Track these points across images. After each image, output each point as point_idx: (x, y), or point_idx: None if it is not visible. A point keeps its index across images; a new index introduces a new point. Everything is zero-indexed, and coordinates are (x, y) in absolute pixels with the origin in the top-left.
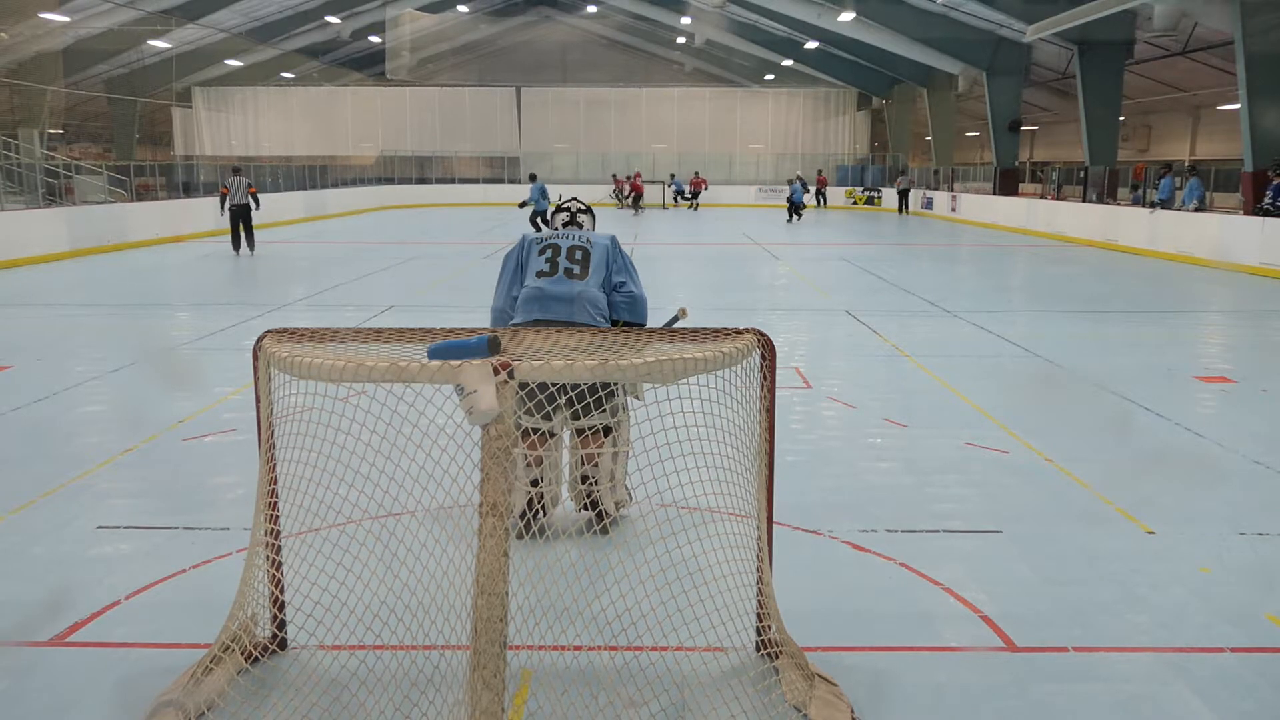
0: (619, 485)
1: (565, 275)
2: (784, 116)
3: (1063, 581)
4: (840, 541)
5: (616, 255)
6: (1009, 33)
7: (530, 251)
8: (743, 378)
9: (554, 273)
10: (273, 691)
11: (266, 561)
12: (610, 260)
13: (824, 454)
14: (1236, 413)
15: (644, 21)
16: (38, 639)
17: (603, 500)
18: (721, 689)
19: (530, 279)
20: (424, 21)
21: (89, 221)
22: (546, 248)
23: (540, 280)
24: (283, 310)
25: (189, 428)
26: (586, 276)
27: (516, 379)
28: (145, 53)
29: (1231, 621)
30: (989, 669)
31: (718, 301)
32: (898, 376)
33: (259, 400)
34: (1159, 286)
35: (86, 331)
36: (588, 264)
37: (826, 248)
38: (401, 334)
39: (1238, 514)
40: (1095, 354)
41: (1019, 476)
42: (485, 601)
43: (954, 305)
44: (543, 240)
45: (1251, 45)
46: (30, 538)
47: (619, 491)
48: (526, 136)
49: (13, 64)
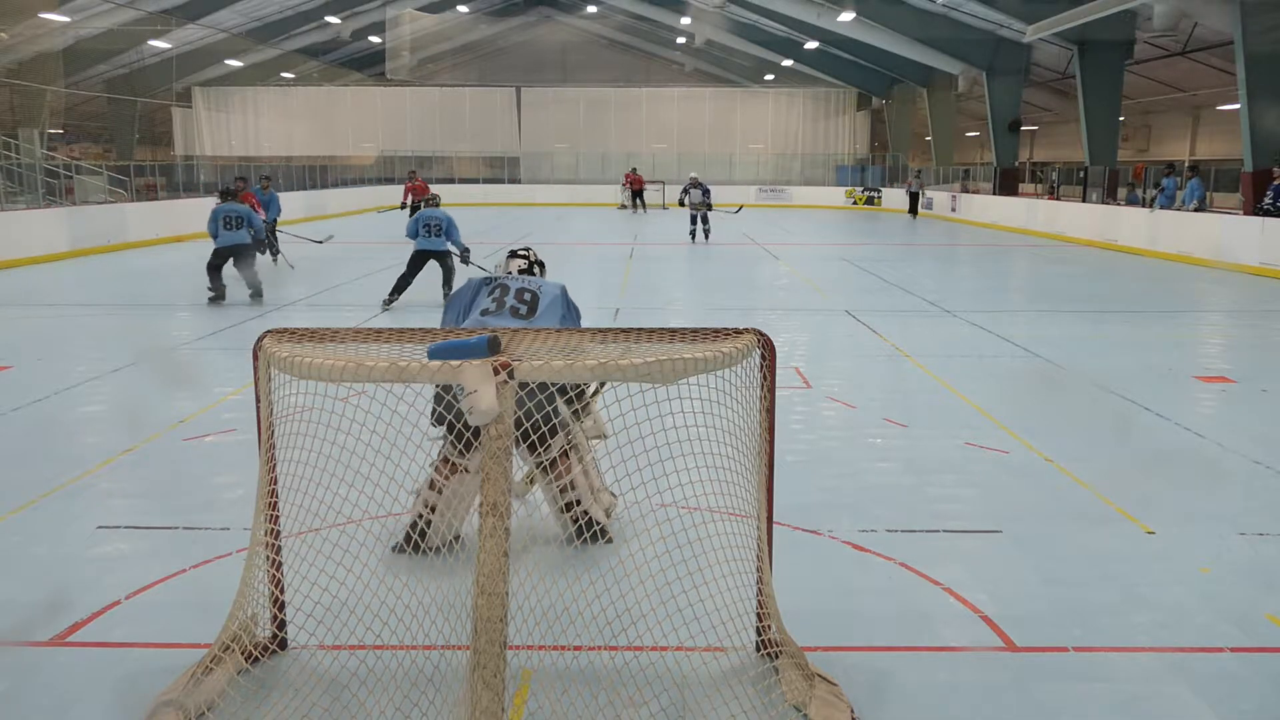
0: (601, 492)
1: (510, 314)
2: (784, 116)
3: (1063, 581)
4: (840, 541)
5: (567, 305)
6: (1009, 33)
7: (480, 291)
8: (743, 378)
9: (499, 311)
10: (273, 691)
11: (266, 561)
12: (561, 308)
13: (824, 454)
14: (1236, 413)
15: (644, 21)
16: (38, 639)
17: (594, 513)
18: (721, 689)
19: (474, 316)
20: (424, 21)
21: (89, 221)
22: (496, 288)
23: (484, 317)
24: (283, 310)
25: (189, 428)
26: (533, 318)
27: (516, 379)
28: (145, 53)
29: (1231, 621)
30: (989, 669)
31: (717, 301)
32: (898, 376)
33: (259, 400)
34: (1159, 286)
35: (86, 331)
36: (536, 306)
37: (826, 248)
38: (401, 334)
39: (1238, 514)
40: (1095, 354)
41: (1019, 476)
42: (485, 601)
43: (954, 305)
44: (493, 282)
45: (1251, 45)
46: (30, 538)
47: (603, 497)
48: (526, 136)
49: (13, 64)
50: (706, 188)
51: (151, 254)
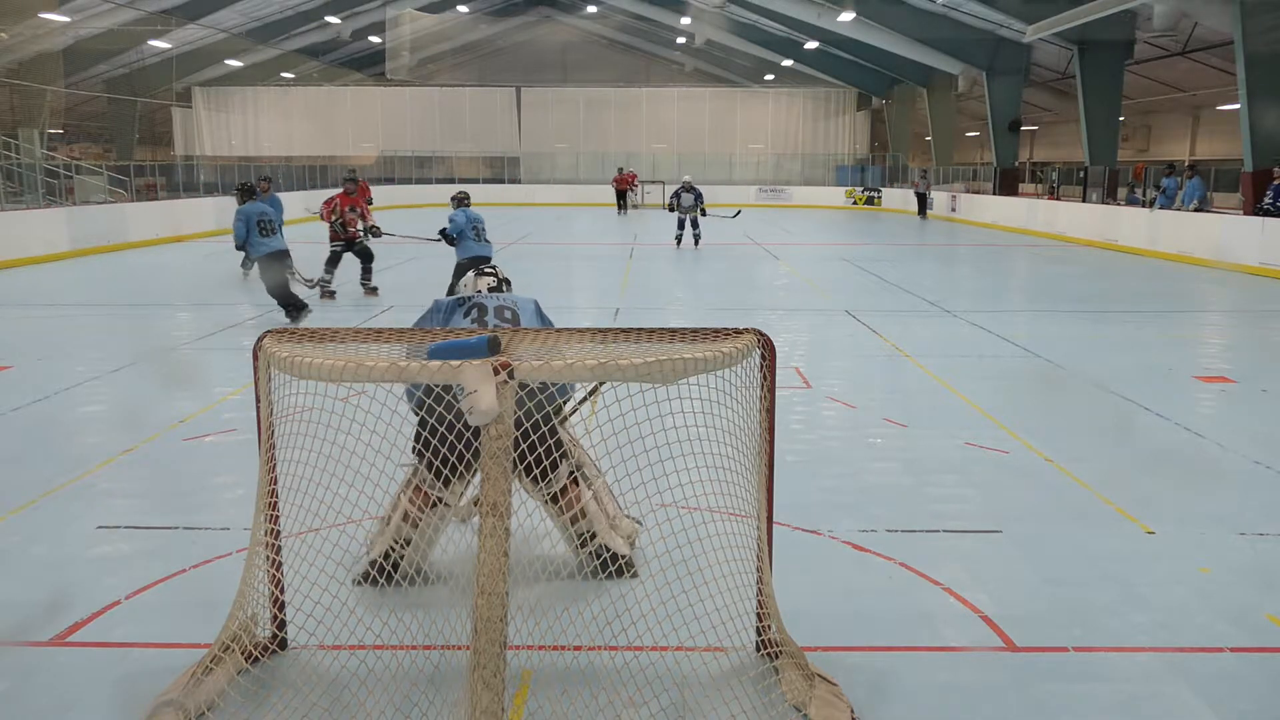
0: (618, 519)
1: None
2: (784, 116)
3: (1063, 581)
4: (840, 541)
5: (543, 319)
6: (1009, 33)
7: (454, 312)
8: (743, 378)
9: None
10: (273, 691)
11: (266, 561)
12: (538, 322)
13: (824, 454)
14: (1236, 413)
15: (644, 21)
16: (38, 639)
17: (612, 545)
18: (721, 689)
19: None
20: (424, 21)
21: (89, 221)
22: (472, 308)
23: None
24: (282, 310)
25: (189, 428)
26: None
27: (516, 379)
28: (145, 53)
29: (1231, 621)
30: (989, 669)
31: (717, 301)
32: (898, 376)
33: (259, 400)
34: (1159, 286)
35: (86, 331)
36: (518, 323)
37: (826, 248)
38: (401, 334)
39: (1238, 514)
40: (1095, 354)
41: (1019, 476)
42: (485, 601)
43: (954, 305)
44: (466, 302)
45: (1251, 45)
46: (30, 538)
47: (623, 525)
48: (526, 136)
49: (13, 64)
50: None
51: (151, 254)
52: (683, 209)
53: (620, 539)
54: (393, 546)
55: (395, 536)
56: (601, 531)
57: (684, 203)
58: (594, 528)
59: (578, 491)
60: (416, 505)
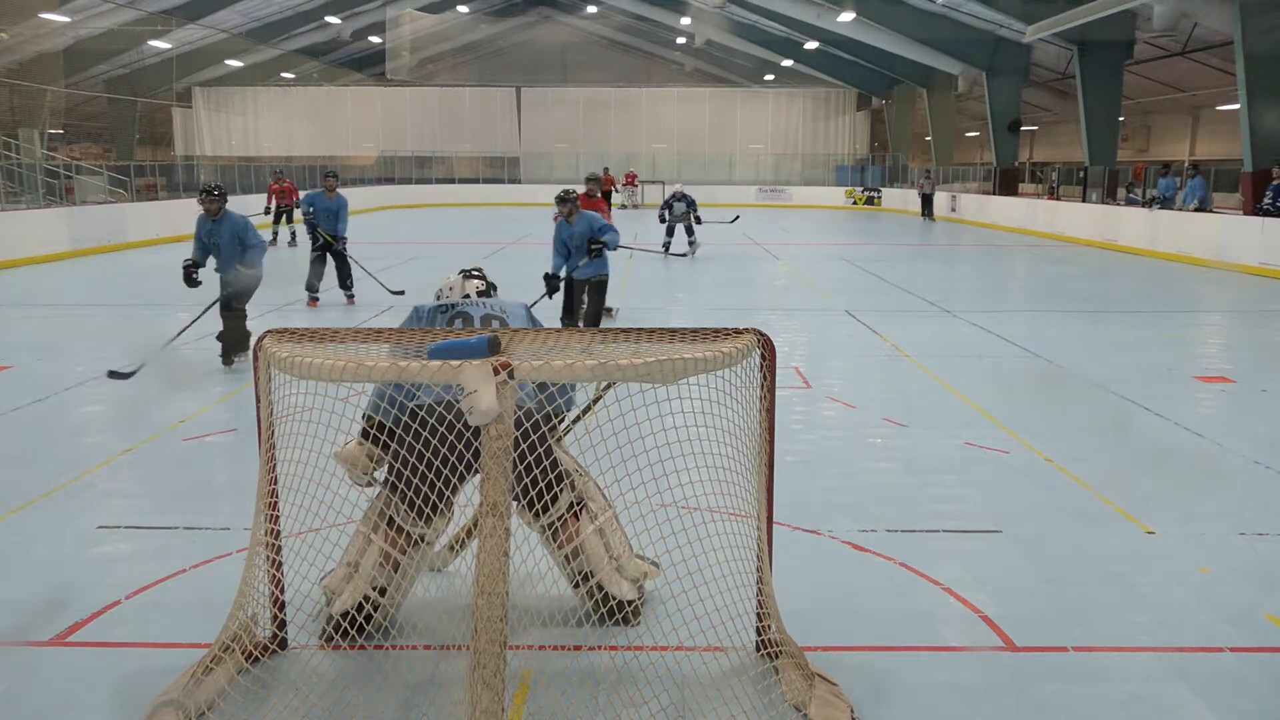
0: (626, 559)
1: None
2: (784, 117)
3: (1063, 581)
4: (840, 541)
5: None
6: (1009, 33)
7: (435, 322)
8: (743, 378)
9: None
10: (273, 691)
11: (266, 561)
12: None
13: (824, 454)
14: (1236, 413)
15: (644, 21)
16: (38, 639)
17: (611, 587)
18: (721, 689)
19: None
20: (424, 21)
21: (89, 221)
22: (455, 317)
23: None
24: (283, 310)
25: (189, 428)
26: None
27: (516, 379)
28: (145, 53)
29: (1231, 621)
30: (989, 669)
31: (717, 301)
32: (898, 376)
33: (259, 400)
34: (1159, 286)
35: (86, 331)
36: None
37: (826, 248)
38: (401, 334)
39: (1238, 514)
40: (1095, 354)
41: (1019, 476)
42: (485, 601)
43: (954, 305)
44: (449, 310)
45: (1251, 45)
46: (30, 538)
47: (630, 566)
48: (526, 136)
49: (13, 64)
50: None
51: (151, 254)
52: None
53: (625, 581)
54: (367, 596)
55: (368, 585)
56: (601, 572)
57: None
58: (591, 567)
59: (577, 526)
60: (397, 546)
